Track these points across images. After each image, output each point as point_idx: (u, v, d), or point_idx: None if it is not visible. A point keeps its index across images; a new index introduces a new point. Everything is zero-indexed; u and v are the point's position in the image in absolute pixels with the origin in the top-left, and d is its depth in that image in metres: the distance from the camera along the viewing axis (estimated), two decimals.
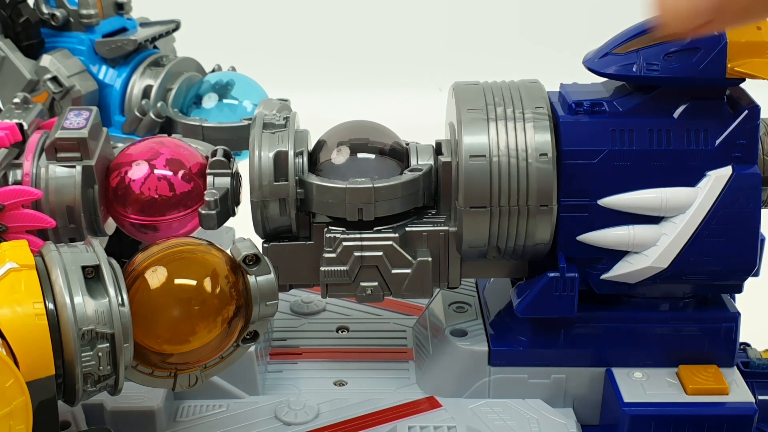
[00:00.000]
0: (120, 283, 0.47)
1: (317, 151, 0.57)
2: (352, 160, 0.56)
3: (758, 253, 0.57)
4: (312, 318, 0.72)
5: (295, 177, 0.55)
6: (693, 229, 0.55)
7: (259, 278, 0.51)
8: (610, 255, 0.57)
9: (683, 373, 0.58)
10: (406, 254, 0.56)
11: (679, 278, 0.57)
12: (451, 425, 0.58)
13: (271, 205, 0.55)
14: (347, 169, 0.56)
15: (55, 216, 0.58)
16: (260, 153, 0.55)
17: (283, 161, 0.55)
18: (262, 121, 0.57)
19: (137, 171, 0.60)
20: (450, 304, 0.67)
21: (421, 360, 0.65)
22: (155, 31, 0.92)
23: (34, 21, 0.87)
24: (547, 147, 0.54)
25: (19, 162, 0.59)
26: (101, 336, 0.46)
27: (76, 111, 0.61)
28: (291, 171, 0.55)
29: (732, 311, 0.60)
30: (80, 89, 0.86)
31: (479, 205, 0.54)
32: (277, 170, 0.55)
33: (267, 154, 0.55)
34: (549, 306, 0.57)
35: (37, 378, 0.44)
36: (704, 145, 0.55)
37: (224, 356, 0.53)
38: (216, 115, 0.87)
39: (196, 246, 0.51)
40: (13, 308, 0.44)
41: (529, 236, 0.55)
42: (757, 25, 0.54)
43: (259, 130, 0.56)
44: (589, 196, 0.55)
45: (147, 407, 0.59)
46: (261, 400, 0.62)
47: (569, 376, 0.61)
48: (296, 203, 0.55)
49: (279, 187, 0.55)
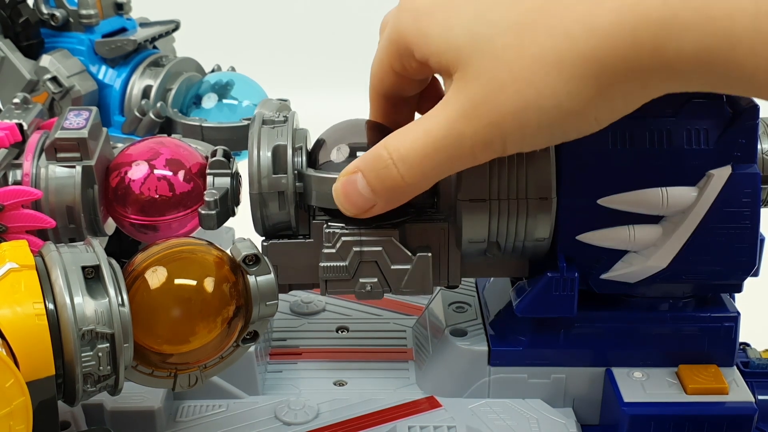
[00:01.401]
0: (120, 283, 0.47)
1: (316, 150, 0.57)
2: (351, 158, 0.56)
3: (758, 253, 0.57)
4: (312, 318, 0.72)
5: (293, 171, 0.55)
6: (692, 228, 0.55)
7: (258, 278, 0.51)
8: (609, 255, 0.57)
9: (683, 373, 0.58)
10: (405, 249, 0.56)
11: (678, 278, 0.57)
12: (451, 425, 0.58)
13: (270, 200, 0.55)
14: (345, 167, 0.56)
15: (55, 216, 0.58)
16: (259, 147, 0.55)
17: (281, 155, 0.55)
18: (261, 118, 0.57)
19: (137, 171, 0.60)
20: (450, 303, 0.67)
21: (421, 360, 0.65)
22: (155, 31, 0.93)
23: (34, 21, 0.87)
24: None
25: (19, 162, 0.59)
26: (101, 336, 0.46)
27: (76, 111, 0.61)
28: (289, 165, 0.55)
29: (732, 311, 0.60)
30: (80, 89, 0.86)
31: (478, 198, 0.54)
32: (275, 164, 0.55)
33: (266, 147, 0.55)
34: (549, 306, 0.57)
35: (37, 378, 0.44)
36: (704, 145, 0.55)
37: (224, 356, 0.53)
38: (216, 115, 0.87)
39: (196, 246, 0.51)
40: (13, 308, 0.44)
41: (528, 232, 0.55)
42: None
43: (258, 126, 0.57)
44: (589, 196, 0.56)
45: (147, 407, 0.59)
46: (261, 400, 0.62)
47: (569, 376, 0.61)
48: (295, 197, 0.56)
49: (277, 180, 0.55)
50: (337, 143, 0.57)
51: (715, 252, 0.56)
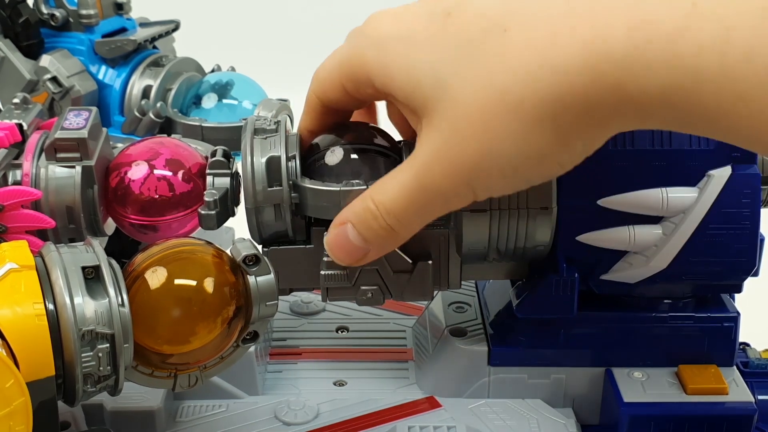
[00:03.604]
0: (120, 284, 0.47)
1: (310, 152, 0.57)
2: (346, 161, 0.56)
3: (758, 253, 0.57)
4: (312, 318, 0.72)
5: (288, 181, 0.55)
6: (692, 229, 0.55)
7: (258, 279, 0.51)
8: (609, 255, 0.57)
9: (683, 373, 0.58)
10: (405, 257, 0.56)
11: (678, 278, 0.57)
12: (451, 425, 0.58)
13: (265, 211, 0.55)
14: (340, 169, 0.56)
15: (55, 216, 0.58)
16: (252, 159, 0.55)
17: (275, 166, 0.54)
18: (252, 127, 0.56)
19: (137, 171, 0.60)
20: (450, 304, 0.67)
21: (421, 360, 0.65)
22: (155, 31, 0.93)
23: (34, 21, 0.87)
24: None
25: (19, 162, 0.59)
26: (101, 336, 0.46)
27: (76, 111, 0.61)
28: (284, 176, 0.54)
29: (732, 311, 0.60)
30: (80, 89, 0.86)
31: (479, 208, 0.54)
32: (270, 176, 0.54)
33: (259, 159, 0.54)
34: (549, 306, 0.57)
35: (37, 378, 0.44)
36: (704, 145, 0.55)
37: (224, 356, 0.53)
38: (215, 115, 0.87)
39: (196, 246, 0.51)
40: (13, 309, 0.44)
41: (529, 238, 0.55)
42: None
43: (249, 136, 0.56)
44: (589, 196, 0.55)
45: (147, 407, 0.59)
46: (261, 400, 0.62)
47: (569, 376, 0.61)
48: (291, 208, 0.55)
49: (273, 193, 0.54)
50: (330, 146, 0.56)
51: (715, 252, 0.56)
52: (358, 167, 0.55)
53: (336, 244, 0.52)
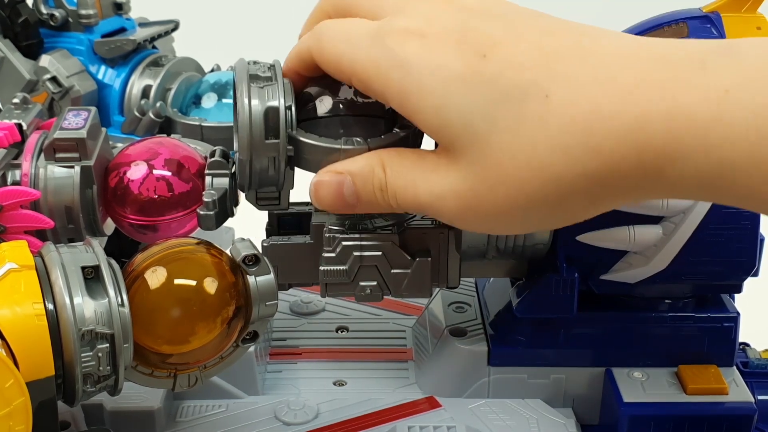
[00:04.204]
0: (120, 284, 0.47)
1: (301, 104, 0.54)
2: (341, 119, 0.53)
3: (757, 253, 0.57)
4: (312, 318, 0.72)
5: (285, 135, 0.52)
6: (692, 229, 0.55)
7: (258, 278, 0.51)
8: (609, 255, 0.57)
9: (683, 373, 0.58)
10: (405, 254, 0.56)
11: (678, 278, 0.57)
12: (451, 425, 0.58)
13: (260, 164, 0.52)
14: (331, 124, 0.53)
15: (54, 216, 0.58)
16: (250, 109, 0.51)
17: (274, 118, 0.51)
18: (247, 73, 0.52)
19: (136, 171, 0.60)
20: (450, 304, 0.67)
21: (421, 360, 0.65)
22: (154, 31, 0.92)
23: (33, 21, 0.87)
24: None
25: (18, 162, 0.58)
26: (101, 336, 0.46)
27: (75, 111, 0.61)
28: (282, 128, 0.51)
29: (731, 311, 0.60)
30: (79, 89, 0.86)
31: None
32: (267, 128, 0.51)
33: (258, 109, 0.51)
34: (548, 306, 0.57)
35: (37, 378, 0.44)
36: None
37: (224, 356, 0.53)
38: (215, 114, 0.87)
39: (196, 246, 0.51)
40: (13, 309, 0.44)
41: (528, 236, 0.55)
42: (757, 26, 0.54)
43: (246, 83, 0.52)
44: None
45: (147, 407, 0.59)
46: (261, 400, 0.62)
47: (569, 376, 0.61)
48: (286, 159, 0.52)
49: (270, 146, 0.52)
50: (319, 95, 0.54)
51: (715, 252, 0.56)
52: (349, 121, 0.53)
53: (327, 190, 0.51)
